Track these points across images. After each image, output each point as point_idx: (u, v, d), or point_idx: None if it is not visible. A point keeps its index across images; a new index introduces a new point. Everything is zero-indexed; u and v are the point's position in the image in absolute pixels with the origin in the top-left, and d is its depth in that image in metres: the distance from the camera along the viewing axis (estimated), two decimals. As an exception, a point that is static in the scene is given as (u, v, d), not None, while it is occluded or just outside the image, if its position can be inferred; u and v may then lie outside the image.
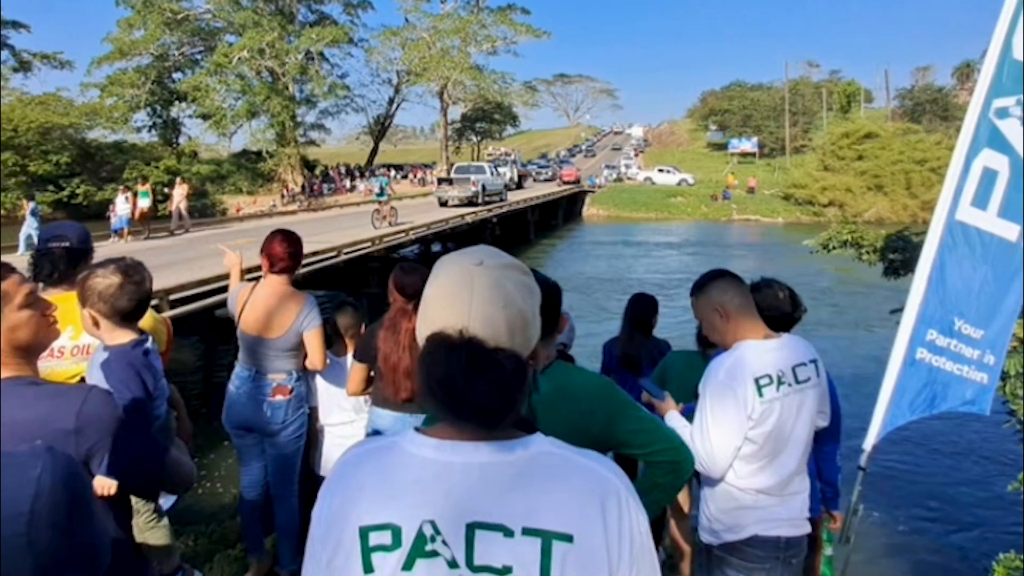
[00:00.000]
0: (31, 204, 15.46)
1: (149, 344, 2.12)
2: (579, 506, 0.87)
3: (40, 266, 2.79)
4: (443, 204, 24.27)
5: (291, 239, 3.15)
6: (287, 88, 39.35)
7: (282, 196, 36.25)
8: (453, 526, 0.85)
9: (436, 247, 20.23)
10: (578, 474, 0.89)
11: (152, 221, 18.06)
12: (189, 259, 11.02)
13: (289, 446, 3.09)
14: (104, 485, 1.64)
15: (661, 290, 15.27)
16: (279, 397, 3.02)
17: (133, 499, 1.86)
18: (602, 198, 42.07)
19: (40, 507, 0.90)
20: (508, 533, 0.85)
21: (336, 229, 16.16)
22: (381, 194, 17.88)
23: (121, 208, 16.40)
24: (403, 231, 15.83)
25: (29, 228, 14.44)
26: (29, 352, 1.54)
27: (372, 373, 2.98)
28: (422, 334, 0.90)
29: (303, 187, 38.08)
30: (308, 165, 41.70)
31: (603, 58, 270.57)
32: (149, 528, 2.69)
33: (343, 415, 3.26)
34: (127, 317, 2.05)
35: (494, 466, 0.87)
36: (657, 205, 40.86)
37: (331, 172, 43.45)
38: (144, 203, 17.46)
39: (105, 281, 2.03)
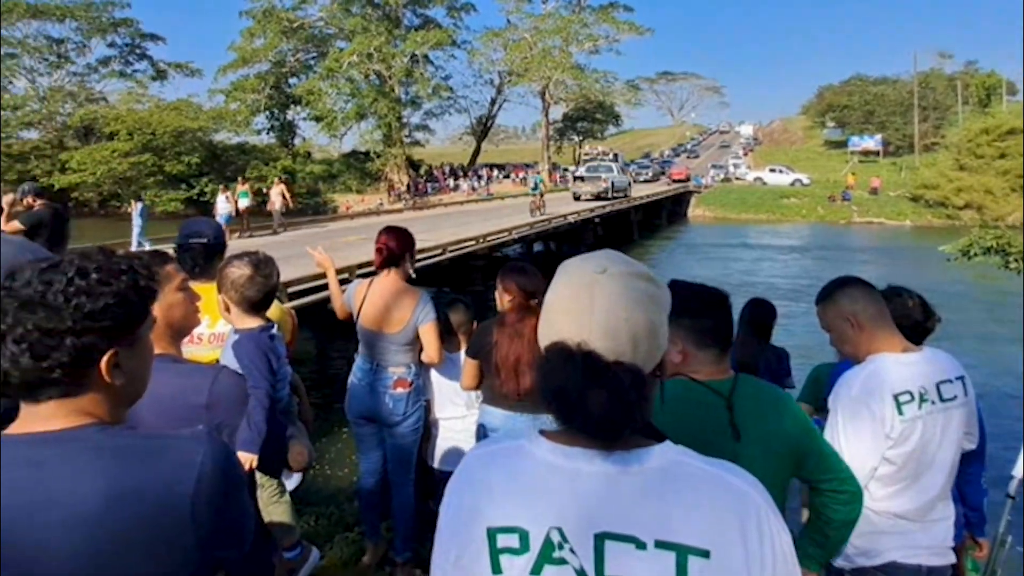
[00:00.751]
0: (139, 205, 16.01)
1: (275, 330, 2.25)
2: (716, 520, 0.82)
3: (182, 260, 3.02)
4: (576, 198, 27.01)
5: (403, 236, 3.24)
6: (393, 90, 40.80)
7: (388, 195, 37.60)
8: (581, 534, 0.83)
9: (538, 247, 20.35)
10: (713, 485, 0.85)
11: (252, 219, 18.84)
12: (293, 256, 11.58)
13: (408, 437, 3.20)
14: (245, 459, 1.74)
15: (787, 295, 14.59)
16: (400, 390, 3.14)
17: (257, 474, 1.97)
18: (709, 199, 40.83)
19: (202, 489, 0.97)
20: (640, 545, 0.82)
21: (440, 228, 16.52)
22: (535, 189, 21.51)
23: (221, 207, 16.91)
24: (505, 230, 15.99)
25: (135, 227, 15.25)
26: (178, 333, 1.72)
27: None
28: (543, 341, 0.89)
29: (408, 186, 39.37)
30: (413, 165, 43.04)
31: (709, 54, 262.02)
32: (272, 503, 2.84)
33: (455, 410, 3.35)
34: (255, 306, 2.18)
35: (623, 475, 0.84)
36: (768, 206, 39.18)
37: (435, 172, 44.66)
38: (244, 202, 18.18)
39: (238, 272, 2.18)
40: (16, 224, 6.24)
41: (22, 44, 39.02)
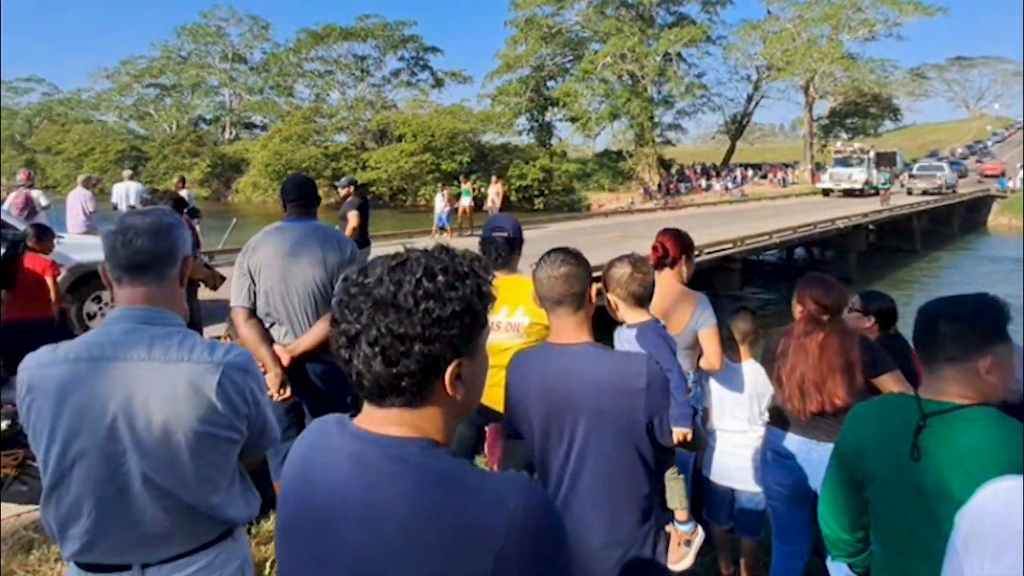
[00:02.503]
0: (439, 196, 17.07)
1: (661, 322, 2.50)
2: None
3: (486, 252, 3.28)
4: (826, 195, 27.89)
5: (681, 237, 3.20)
6: (646, 90, 40.83)
7: (640, 194, 37.89)
8: None
9: (799, 251, 19.17)
10: None
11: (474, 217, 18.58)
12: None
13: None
14: (680, 432, 1.93)
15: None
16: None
17: None
18: (1016, 205, 34.34)
19: (511, 540, 0.87)
20: None
21: (692, 229, 16.25)
22: (885, 184, 25.33)
23: (439, 206, 16.95)
24: (766, 234, 15.36)
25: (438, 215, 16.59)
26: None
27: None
28: None
29: (659, 185, 39.22)
30: (664, 164, 42.72)
31: (1015, 32, 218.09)
32: (672, 479, 3.14)
33: (736, 423, 3.20)
34: (639, 300, 2.40)
35: None
36: (1104, 216, 31.87)
37: (687, 171, 43.90)
38: (465, 201, 17.92)
39: (620, 270, 2.39)
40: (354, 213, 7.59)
41: (336, 62, 46.37)
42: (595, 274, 2.05)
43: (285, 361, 2.94)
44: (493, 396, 3.30)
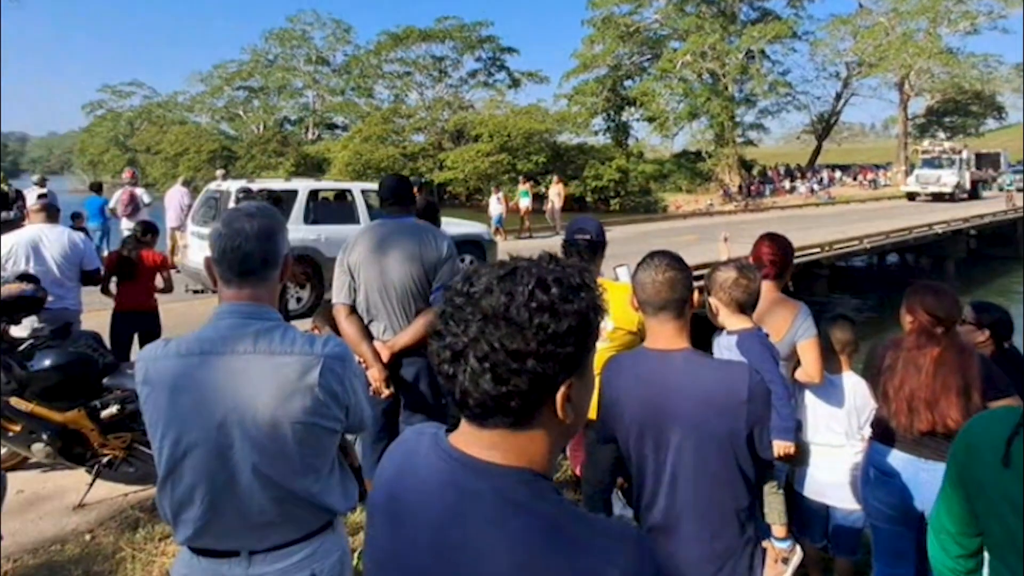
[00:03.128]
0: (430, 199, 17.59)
1: (764, 330, 2.46)
2: None
3: (568, 254, 3.40)
4: (911, 199, 26.30)
5: (779, 243, 3.10)
6: (727, 89, 39.65)
7: (720, 195, 36.93)
8: None
9: (892, 258, 18.19)
10: None
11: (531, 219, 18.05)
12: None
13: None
14: (781, 447, 1.95)
15: None
16: None
17: None
18: None
19: None
20: None
21: (780, 231, 15.77)
22: (1011, 184, 24.87)
23: (493, 208, 16.83)
24: (856, 238, 14.67)
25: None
26: None
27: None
28: None
29: (740, 187, 38.09)
30: (745, 165, 41.45)
31: None
32: (771, 493, 2.96)
33: (833, 437, 3.06)
34: (742, 307, 2.39)
35: None
36: None
37: (770, 172, 42.44)
38: (524, 202, 17.51)
39: (724, 275, 2.39)
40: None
41: (415, 64, 47.28)
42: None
43: (385, 357, 3.01)
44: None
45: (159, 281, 5.50)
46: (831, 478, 3.06)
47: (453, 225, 9.90)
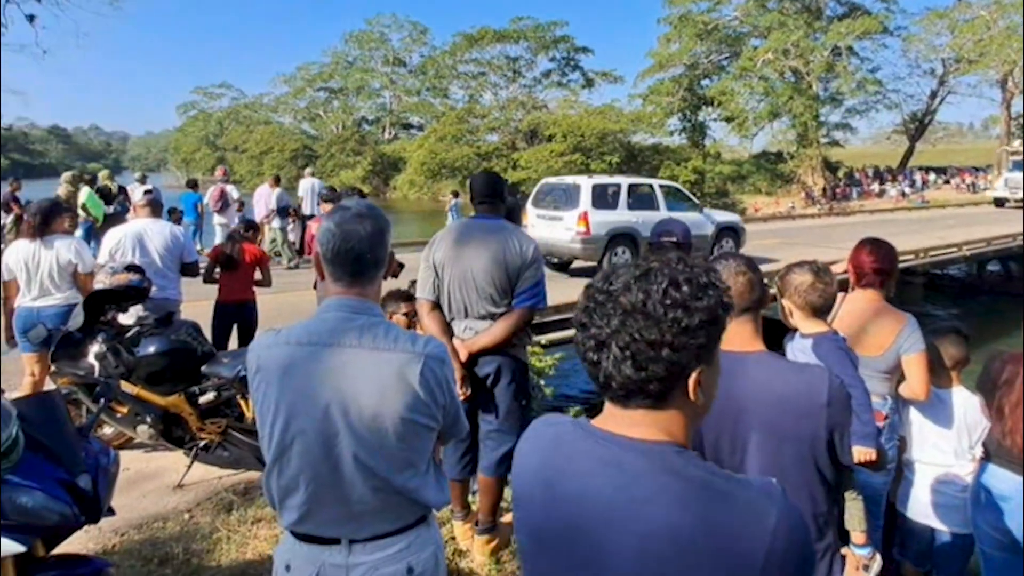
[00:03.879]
0: (454, 200, 16.10)
1: (840, 334, 2.37)
2: None
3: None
4: (999, 205, 23.76)
5: (883, 250, 2.91)
6: (811, 87, 38.11)
7: (802, 198, 35.60)
8: None
9: (993, 266, 17.03)
10: None
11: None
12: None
13: (876, 477, 2.72)
14: (863, 453, 1.88)
15: None
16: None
17: None
18: None
19: (775, 551, 0.88)
20: None
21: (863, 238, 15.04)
22: None
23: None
24: (954, 245, 13.83)
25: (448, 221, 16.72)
26: None
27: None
28: None
29: (824, 189, 36.58)
30: (830, 167, 39.81)
31: None
32: (851, 499, 2.95)
33: (940, 456, 2.91)
34: (817, 311, 2.31)
35: None
36: None
37: (856, 174, 40.57)
38: None
39: (800, 278, 2.32)
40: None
41: (489, 64, 47.71)
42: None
43: (463, 356, 3.03)
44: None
45: (258, 274, 5.76)
46: (937, 499, 2.90)
47: (717, 214, 13.04)
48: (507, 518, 3.59)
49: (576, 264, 11.77)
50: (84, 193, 10.54)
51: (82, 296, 4.59)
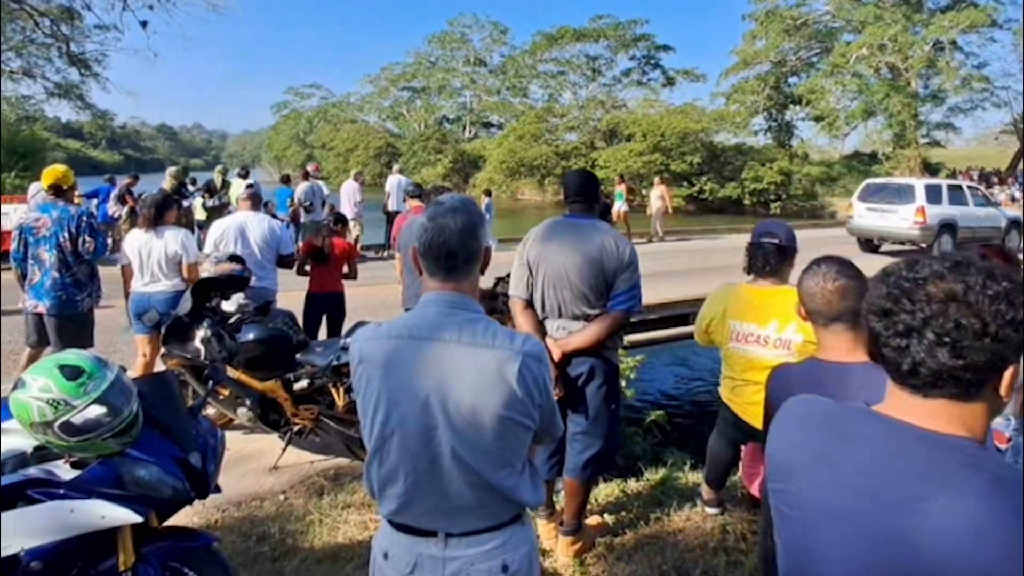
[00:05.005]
0: (487, 200, 15.80)
1: None
2: None
3: (754, 258, 3.21)
4: None
5: (1009, 259, 2.73)
6: (909, 84, 35.97)
7: (897, 201, 33.76)
8: None
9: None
10: None
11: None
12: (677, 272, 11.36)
13: None
14: None
15: None
16: (996, 444, 2.74)
17: None
18: None
19: None
20: None
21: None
22: None
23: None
24: (1074, 254, 12.77)
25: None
26: None
27: None
28: None
29: (923, 192, 34.58)
30: (930, 168, 37.58)
31: None
32: None
33: None
34: None
35: None
36: None
37: (960, 177, 38.16)
38: (618, 205, 16.31)
39: None
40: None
41: (568, 63, 47.48)
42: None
43: (556, 356, 3.01)
44: (755, 414, 3.11)
45: (345, 267, 5.94)
46: None
47: (1007, 211, 15.38)
48: (592, 521, 3.55)
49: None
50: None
51: (186, 284, 4.87)
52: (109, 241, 7.07)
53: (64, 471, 2.26)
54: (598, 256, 3.00)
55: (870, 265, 1.48)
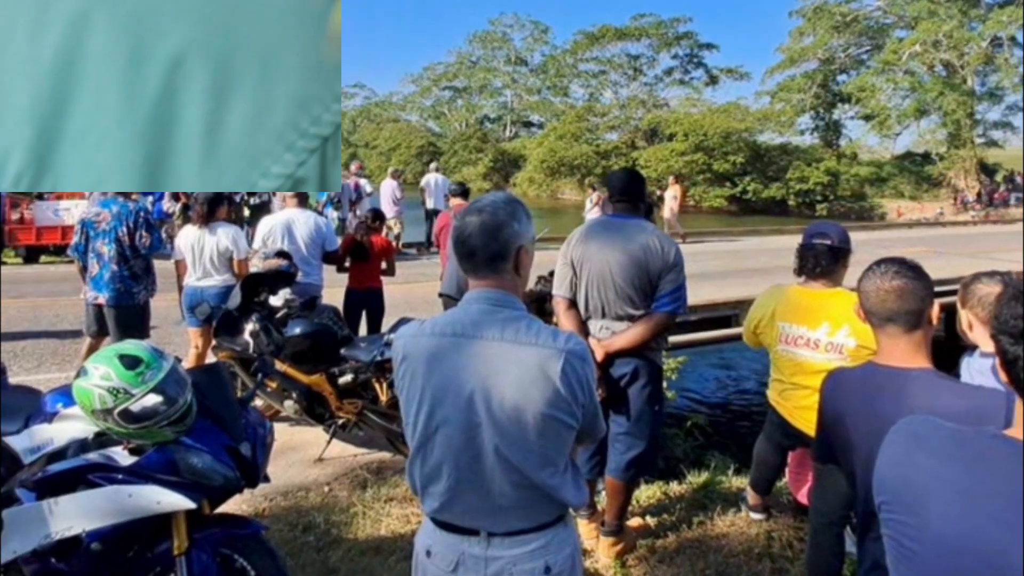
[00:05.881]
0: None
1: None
2: None
3: (804, 259, 3.13)
4: None
5: None
6: (965, 82, 34.71)
7: (952, 203, 32.59)
8: None
9: None
10: None
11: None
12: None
13: None
14: None
15: None
16: None
17: None
18: None
19: None
20: None
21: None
22: None
23: (589, 208, 15.71)
24: None
25: None
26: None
27: None
28: None
29: (979, 194, 33.29)
30: (987, 169, 36.21)
31: None
32: None
33: None
34: None
35: None
36: None
37: (1018, 177, 36.65)
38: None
39: (987, 288, 2.11)
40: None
41: (609, 62, 47.14)
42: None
43: (599, 357, 2.99)
44: (804, 418, 3.05)
45: (384, 264, 6.01)
46: None
47: None
48: (633, 522, 3.52)
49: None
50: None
51: (237, 279, 4.99)
52: (164, 236, 7.30)
53: (122, 457, 2.34)
54: (643, 256, 2.97)
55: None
